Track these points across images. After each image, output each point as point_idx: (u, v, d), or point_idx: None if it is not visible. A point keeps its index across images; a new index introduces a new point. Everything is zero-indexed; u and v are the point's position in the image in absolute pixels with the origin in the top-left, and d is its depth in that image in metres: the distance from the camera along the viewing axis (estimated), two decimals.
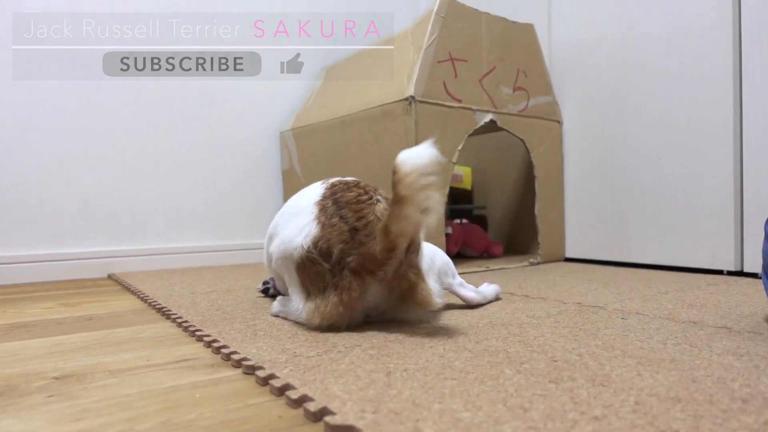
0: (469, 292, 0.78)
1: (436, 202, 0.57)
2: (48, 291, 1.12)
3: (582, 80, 1.32)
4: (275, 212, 1.61)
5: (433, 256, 0.72)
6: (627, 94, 1.23)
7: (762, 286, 0.90)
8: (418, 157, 0.58)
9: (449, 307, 0.76)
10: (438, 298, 0.65)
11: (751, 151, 1.02)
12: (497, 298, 0.82)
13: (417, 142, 1.09)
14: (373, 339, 0.58)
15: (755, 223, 1.02)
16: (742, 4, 1.02)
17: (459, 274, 0.80)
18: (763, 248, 0.62)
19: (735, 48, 1.04)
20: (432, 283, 0.66)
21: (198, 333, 0.64)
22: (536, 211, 1.32)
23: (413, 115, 1.09)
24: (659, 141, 1.16)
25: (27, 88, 1.28)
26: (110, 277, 1.33)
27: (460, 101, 1.16)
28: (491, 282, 0.86)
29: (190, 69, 1.49)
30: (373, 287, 0.63)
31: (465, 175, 1.57)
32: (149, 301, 0.89)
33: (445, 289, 0.75)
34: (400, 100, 1.11)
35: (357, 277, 0.61)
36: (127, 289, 1.08)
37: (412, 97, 1.09)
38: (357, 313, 0.63)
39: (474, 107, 1.18)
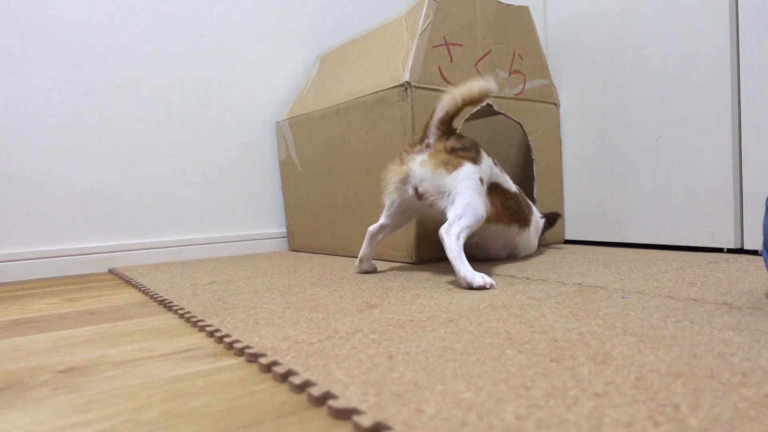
0: (450, 238, 0.82)
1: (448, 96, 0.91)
2: (50, 287, 1.12)
3: (578, 62, 1.32)
4: (273, 202, 1.62)
5: (470, 199, 0.87)
6: (624, 74, 1.22)
7: (762, 263, 0.90)
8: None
9: (450, 290, 0.76)
10: (443, 170, 0.89)
11: (750, 128, 1.02)
12: (471, 287, 0.78)
13: (413, 129, 1.09)
14: (375, 324, 0.58)
15: (755, 200, 1.02)
16: None
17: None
18: (764, 223, 0.62)
19: (732, 26, 1.03)
20: (453, 172, 0.89)
21: (200, 323, 0.64)
22: (535, 195, 1.32)
23: (409, 101, 1.08)
24: (658, 120, 1.16)
25: (22, 82, 1.28)
26: (111, 271, 1.33)
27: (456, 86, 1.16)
28: (494, 276, 0.87)
29: (185, 59, 1.47)
30: (420, 157, 0.92)
31: None
32: (150, 293, 0.89)
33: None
34: (396, 86, 1.10)
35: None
36: (129, 282, 1.09)
37: (408, 83, 1.08)
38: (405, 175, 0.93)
39: None
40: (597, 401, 0.34)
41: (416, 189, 0.92)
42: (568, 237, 1.39)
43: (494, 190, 0.98)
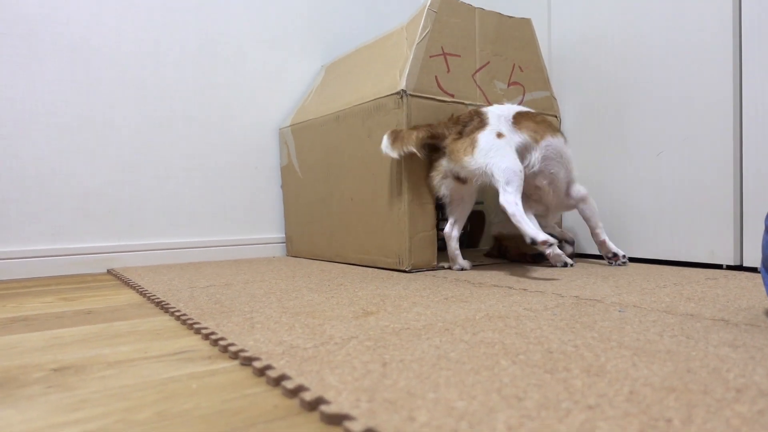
0: (510, 206, 0.95)
1: None
2: (48, 286, 1.12)
3: (582, 76, 1.32)
4: (274, 208, 1.62)
5: (502, 162, 0.99)
6: (627, 89, 1.22)
7: (761, 280, 0.90)
8: None
9: (447, 300, 0.76)
10: (457, 157, 1.02)
11: (750, 145, 1.02)
12: (534, 242, 0.93)
13: None
14: (370, 331, 0.58)
15: (755, 217, 1.02)
16: (742, 0, 1.02)
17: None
18: (763, 242, 0.62)
19: (735, 43, 1.03)
20: (477, 155, 1.00)
21: (196, 326, 0.64)
22: None
23: (405, 109, 1.09)
24: (659, 135, 1.16)
25: (27, 82, 1.28)
26: (110, 272, 1.33)
27: (452, 96, 1.16)
28: (492, 287, 0.87)
29: (190, 64, 1.48)
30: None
31: None
32: (148, 295, 0.89)
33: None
34: (392, 94, 1.11)
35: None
36: (126, 283, 1.09)
37: (404, 91, 1.09)
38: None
39: (466, 102, 1.18)
40: (589, 413, 0.34)
41: (457, 177, 1.06)
42: None
43: (520, 117, 1.08)
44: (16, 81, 1.27)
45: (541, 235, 0.92)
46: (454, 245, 1.11)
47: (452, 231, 1.11)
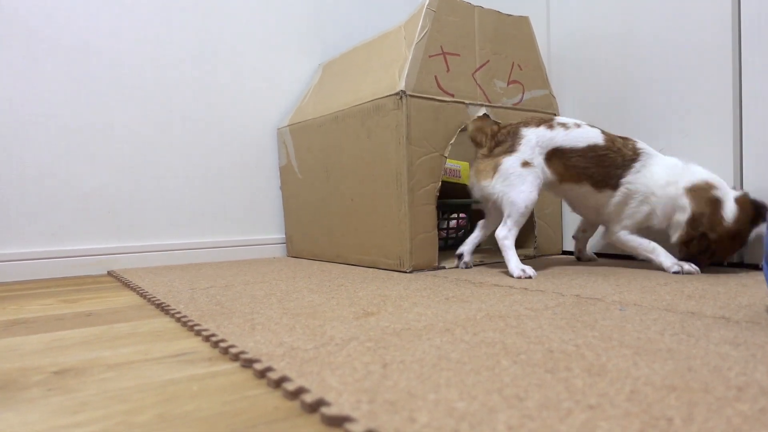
0: (500, 241, 1.01)
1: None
2: (48, 288, 1.12)
3: (581, 75, 1.32)
4: (274, 209, 1.62)
5: (511, 196, 1.00)
6: (626, 85, 1.22)
7: (762, 277, 0.90)
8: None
9: (447, 300, 0.76)
10: (478, 178, 1.05)
11: (750, 143, 1.02)
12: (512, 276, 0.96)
13: (409, 137, 1.09)
14: (371, 332, 0.58)
15: None
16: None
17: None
18: (765, 237, 0.62)
19: (734, 40, 1.03)
20: (496, 180, 1.02)
21: (196, 327, 0.64)
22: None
23: (404, 110, 1.09)
24: (659, 131, 1.16)
25: (26, 84, 1.28)
26: (110, 273, 1.33)
27: (452, 95, 1.16)
28: (493, 287, 0.86)
29: (189, 64, 1.48)
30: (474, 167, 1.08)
31: (462, 170, 1.57)
32: (148, 297, 0.89)
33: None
34: (391, 95, 1.11)
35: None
36: (127, 285, 1.09)
37: (403, 92, 1.09)
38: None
39: (467, 101, 1.18)
40: (590, 413, 0.34)
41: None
42: (567, 248, 1.38)
43: (554, 155, 1.03)
44: (15, 83, 1.27)
45: (516, 273, 0.98)
46: (474, 235, 1.13)
47: (483, 227, 1.13)
